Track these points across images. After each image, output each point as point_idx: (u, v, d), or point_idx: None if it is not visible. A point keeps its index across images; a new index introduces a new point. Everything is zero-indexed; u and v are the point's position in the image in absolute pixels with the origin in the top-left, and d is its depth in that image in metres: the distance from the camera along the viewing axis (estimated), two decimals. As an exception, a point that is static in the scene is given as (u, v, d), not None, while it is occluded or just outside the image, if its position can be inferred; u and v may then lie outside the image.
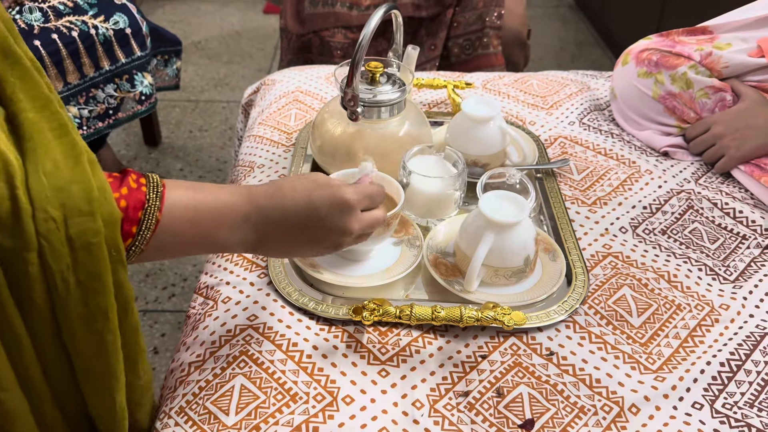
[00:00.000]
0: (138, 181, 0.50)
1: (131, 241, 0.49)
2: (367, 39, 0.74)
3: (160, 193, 0.50)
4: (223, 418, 0.59)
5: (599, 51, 2.73)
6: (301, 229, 0.57)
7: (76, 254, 0.44)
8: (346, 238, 0.59)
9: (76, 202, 0.44)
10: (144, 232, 0.49)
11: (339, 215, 0.57)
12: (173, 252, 0.54)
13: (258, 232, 0.56)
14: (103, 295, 0.46)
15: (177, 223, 0.51)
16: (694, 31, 0.99)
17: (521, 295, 0.72)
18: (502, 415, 0.60)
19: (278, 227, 0.56)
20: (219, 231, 0.54)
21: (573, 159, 0.95)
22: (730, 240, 0.81)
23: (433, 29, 1.46)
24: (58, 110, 0.46)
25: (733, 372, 0.65)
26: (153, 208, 0.49)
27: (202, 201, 0.53)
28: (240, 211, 0.55)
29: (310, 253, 0.60)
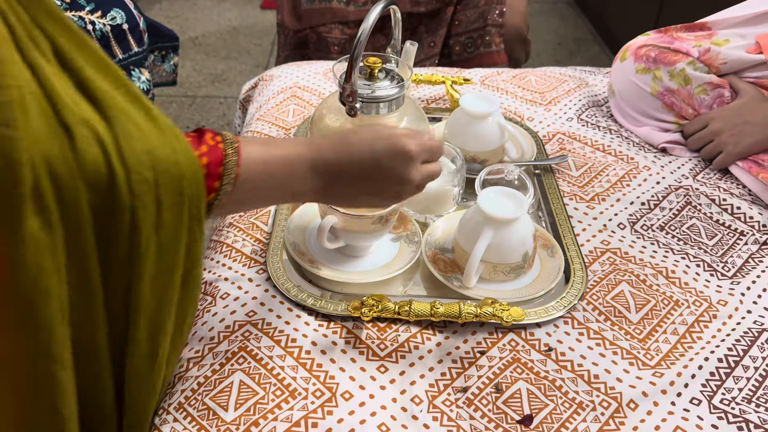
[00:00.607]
0: (215, 139, 0.52)
1: (214, 196, 0.51)
2: (365, 34, 0.73)
3: (236, 148, 0.52)
4: (222, 414, 0.59)
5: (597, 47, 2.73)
6: (365, 179, 0.59)
7: (162, 214, 0.46)
8: (406, 187, 0.60)
9: (164, 164, 0.46)
10: (225, 186, 0.51)
11: (399, 164, 0.59)
12: (250, 204, 0.58)
13: (325, 181, 0.58)
14: (176, 254, 0.49)
15: (253, 176, 0.54)
16: (693, 27, 0.99)
17: (520, 291, 0.72)
18: (500, 410, 0.61)
19: (343, 176, 0.58)
20: (289, 181, 0.57)
21: (571, 155, 0.95)
22: (728, 236, 0.81)
23: (432, 26, 1.45)
24: (123, 77, 0.47)
25: (731, 368, 0.65)
26: (231, 162, 0.52)
27: (273, 154, 0.56)
28: (307, 160, 0.57)
29: (375, 202, 0.63)
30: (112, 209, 0.44)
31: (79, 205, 0.43)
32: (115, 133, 0.44)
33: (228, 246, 0.77)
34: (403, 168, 0.59)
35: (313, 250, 0.75)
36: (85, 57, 0.45)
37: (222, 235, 0.79)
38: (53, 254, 0.43)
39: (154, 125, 0.46)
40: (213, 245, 0.79)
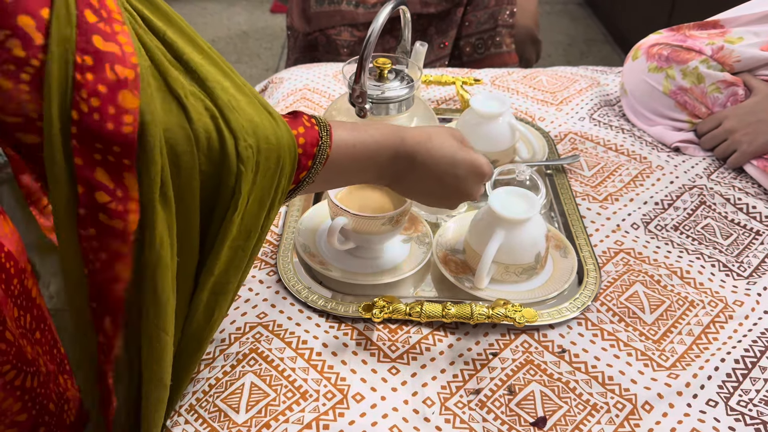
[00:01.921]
0: (310, 121, 0.55)
1: (306, 174, 0.54)
2: (375, 35, 0.73)
3: (329, 131, 0.55)
4: (233, 416, 0.59)
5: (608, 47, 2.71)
6: (437, 180, 0.62)
7: (257, 178, 0.48)
8: (465, 199, 0.65)
9: (265, 132, 0.48)
10: (317, 165, 0.54)
11: (473, 178, 0.63)
12: (335, 183, 0.62)
13: (401, 171, 0.61)
14: (257, 219, 0.51)
15: (341, 158, 0.56)
16: (705, 25, 0.98)
17: (532, 292, 0.71)
18: (513, 412, 0.60)
19: (418, 172, 0.61)
20: (372, 166, 0.60)
21: (583, 155, 0.94)
22: (743, 236, 0.80)
23: (443, 27, 1.45)
24: (211, 51, 0.49)
25: (747, 369, 0.64)
26: (324, 144, 0.55)
27: (361, 140, 0.58)
28: (392, 150, 0.60)
29: (434, 203, 0.66)
30: (220, 176, 0.46)
31: (194, 176, 0.45)
32: (217, 103, 0.46)
33: (239, 248, 0.77)
34: (473, 183, 0.64)
35: (323, 251, 0.75)
36: (175, 31, 0.47)
37: (233, 237, 0.79)
38: (170, 228, 0.45)
39: (248, 100, 0.49)
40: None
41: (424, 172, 0.61)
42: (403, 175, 0.61)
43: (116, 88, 0.40)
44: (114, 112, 0.40)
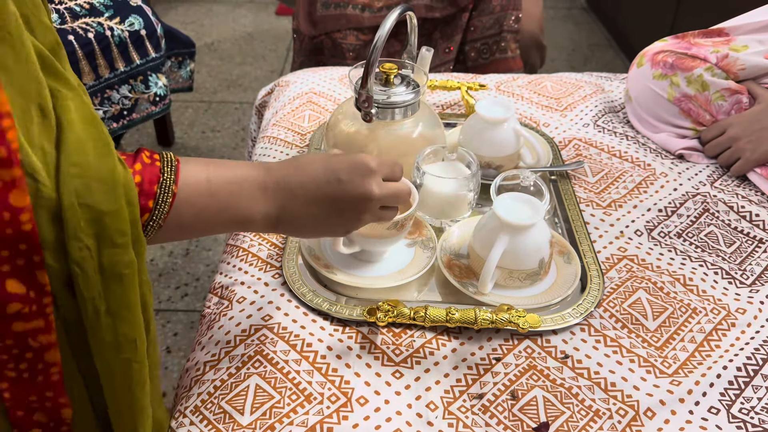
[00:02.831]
0: (152, 157, 0.50)
1: (148, 216, 0.48)
2: (382, 40, 0.74)
3: (174, 167, 0.50)
4: (238, 418, 0.59)
5: (612, 53, 2.72)
6: (322, 197, 0.56)
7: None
8: (367, 204, 0.57)
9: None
10: (161, 206, 0.49)
11: (359, 178, 0.56)
12: (193, 229, 0.53)
13: (278, 205, 0.55)
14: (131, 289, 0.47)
15: (194, 197, 0.51)
16: (710, 33, 0.99)
17: (535, 297, 0.71)
18: (516, 418, 0.60)
19: (297, 197, 0.55)
20: (237, 203, 0.53)
21: (587, 161, 0.94)
22: (746, 243, 0.81)
23: (448, 32, 1.45)
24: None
25: (750, 377, 0.64)
26: (168, 181, 0.49)
27: (217, 174, 0.53)
28: (256, 181, 0.54)
29: (334, 225, 0.58)
30: None
31: None
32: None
33: (244, 250, 0.78)
34: (362, 181, 0.56)
35: (328, 254, 0.76)
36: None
37: (238, 240, 0.80)
38: None
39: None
40: (229, 249, 0.79)
41: (305, 195, 0.55)
42: (282, 209, 0.55)
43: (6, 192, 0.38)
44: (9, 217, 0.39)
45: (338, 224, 0.59)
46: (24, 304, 0.41)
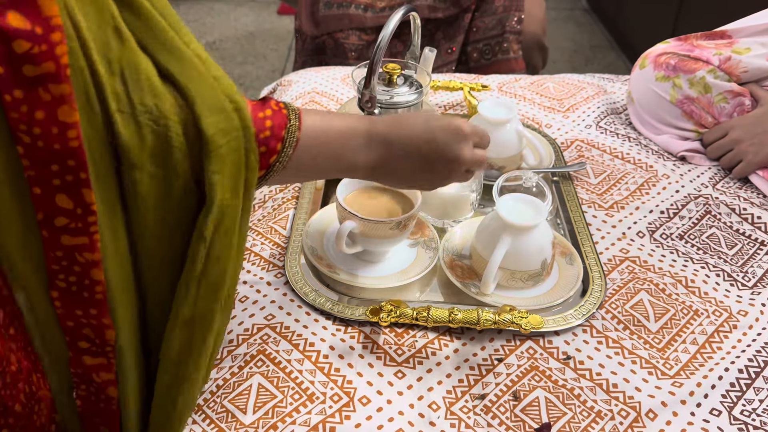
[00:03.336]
0: (278, 105, 0.55)
1: (276, 158, 0.53)
2: (386, 40, 0.74)
3: (298, 115, 0.55)
4: (240, 417, 0.59)
5: (613, 54, 2.72)
6: (419, 153, 0.60)
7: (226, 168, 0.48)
8: (456, 166, 0.61)
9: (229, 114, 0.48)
10: (287, 149, 0.54)
11: (454, 142, 0.60)
12: (308, 172, 0.60)
13: (378, 156, 0.60)
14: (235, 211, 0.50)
15: (312, 143, 0.56)
16: (713, 35, 0.99)
17: (538, 298, 0.72)
18: (518, 418, 0.60)
19: (396, 151, 0.60)
20: (345, 153, 0.58)
21: (590, 162, 0.94)
22: (748, 246, 0.81)
23: (450, 33, 1.46)
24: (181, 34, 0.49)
25: (751, 379, 0.65)
26: (293, 127, 0.54)
27: (332, 124, 0.58)
28: (363, 134, 0.59)
29: (426, 179, 0.63)
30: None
31: None
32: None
33: (247, 250, 0.78)
34: (455, 145, 0.60)
35: (331, 254, 0.76)
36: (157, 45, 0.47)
37: (241, 239, 0.80)
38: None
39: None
40: (232, 249, 0.80)
41: (404, 150, 0.59)
42: (383, 159, 0.60)
43: (55, 106, 0.39)
44: (57, 132, 0.40)
45: (428, 180, 0.63)
46: (70, 220, 0.43)
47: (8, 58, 0.37)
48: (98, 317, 0.47)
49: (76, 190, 0.42)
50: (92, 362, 0.50)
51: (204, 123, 0.46)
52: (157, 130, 0.45)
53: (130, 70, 0.44)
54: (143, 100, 0.44)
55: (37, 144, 0.40)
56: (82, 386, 0.53)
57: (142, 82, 0.44)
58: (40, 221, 0.42)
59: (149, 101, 0.44)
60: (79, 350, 0.50)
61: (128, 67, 0.44)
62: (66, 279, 0.45)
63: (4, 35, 0.37)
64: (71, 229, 0.43)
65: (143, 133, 0.44)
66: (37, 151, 0.40)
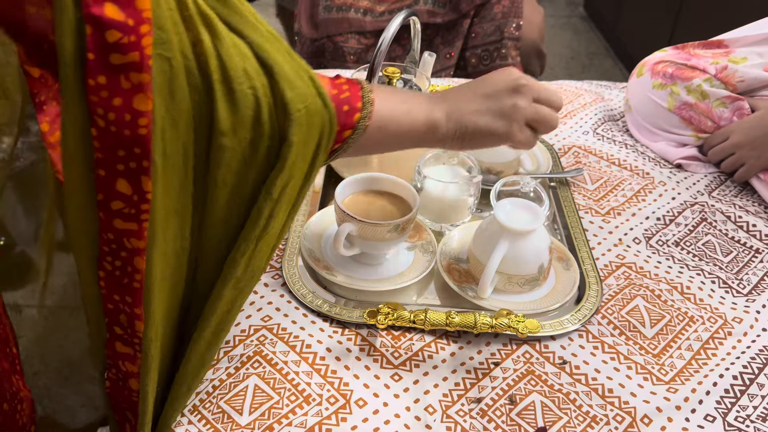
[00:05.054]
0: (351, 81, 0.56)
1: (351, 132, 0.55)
2: (386, 44, 0.74)
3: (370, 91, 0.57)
4: (236, 418, 0.59)
5: (610, 62, 2.73)
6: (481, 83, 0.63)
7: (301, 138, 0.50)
8: (518, 99, 0.61)
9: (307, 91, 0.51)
10: (363, 120, 0.55)
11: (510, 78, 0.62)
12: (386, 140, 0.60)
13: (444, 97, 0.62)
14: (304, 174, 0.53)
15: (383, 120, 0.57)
16: (710, 45, 0.99)
17: (534, 303, 0.72)
18: (514, 422, 0.61)
19: (459, 90, 0.63)
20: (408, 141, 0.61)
21: (587, 169, 0.95)
22: (743, 253, 0.81)
23: (449, 38, 1.46)
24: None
25: (746, 385, 0.65)
26: (368, 98, 0.56)
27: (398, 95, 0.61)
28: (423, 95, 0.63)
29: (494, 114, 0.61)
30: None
31: None
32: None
33: (244, 251, 0.78)
34: (512, 80, 0.62)
35: (328, 256, 0.76)
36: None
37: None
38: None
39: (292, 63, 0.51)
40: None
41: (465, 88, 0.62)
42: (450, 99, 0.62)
43: (131, 94, 0.41)
44: (130, 119, 0.41)
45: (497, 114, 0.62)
46: (126, 204, 0.44)
47: (99, 46, 0.39)
48: (132, 306, 0.49)
49: (136, 177, 0.43)
50: (122, 350, 0.52)
51: (284, 87, 0.48)
52: (249, 94, 0.47)
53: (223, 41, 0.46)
54: (237, 66, 0.46)
55: (110, 129, 0.41)
56: (113, 370, 0.55)
57: (232, 49, 0.46)
58: (99, 202, 0.44)
59: (240, 65, 0.46)
60: (114, 335, 0.52)
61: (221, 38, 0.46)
62: (112, 262, 0.47)
63: (100, 24, 0.39)
64: (125, 213, 0.44)
65: (237, 97, 0.46)
66: (108, 136, 0.42)
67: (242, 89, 0.46)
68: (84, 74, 0.40)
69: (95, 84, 0.40)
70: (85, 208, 0.45)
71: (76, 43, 0.39)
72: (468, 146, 0.63)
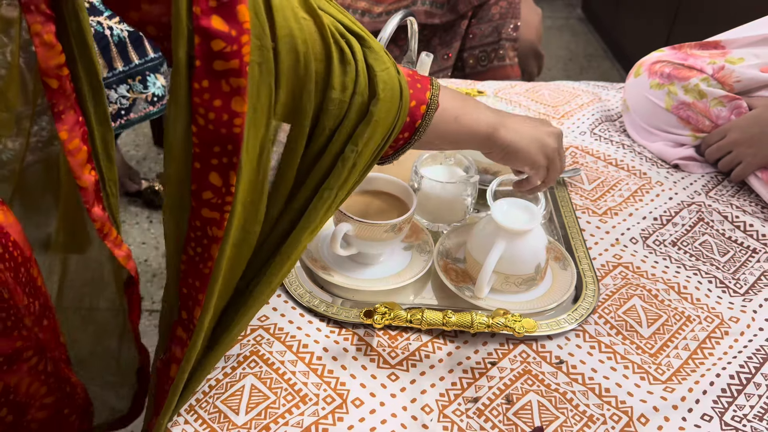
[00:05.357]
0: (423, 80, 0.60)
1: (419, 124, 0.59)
2: (384, 43, 0.74)
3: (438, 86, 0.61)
4: (233, 417, 0.59)
5: (608, 63, 2.74)
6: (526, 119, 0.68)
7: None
8: (550, 140, 0.68)
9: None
10: (429, 113, 0.59)
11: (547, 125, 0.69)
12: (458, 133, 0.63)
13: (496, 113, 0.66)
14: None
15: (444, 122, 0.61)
16: (706, 45, 1.00)
17: (531, 302, 0.72)
18: (511, 422, 0.60)
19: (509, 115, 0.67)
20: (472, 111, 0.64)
21: (584, 169, 0.95)
22: (740, 253, 0.81)
23: (447, 39, 1.46)
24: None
25: (742, 385, 0.65)
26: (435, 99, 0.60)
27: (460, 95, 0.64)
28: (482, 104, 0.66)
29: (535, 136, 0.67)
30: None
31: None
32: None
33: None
34: (554, 126, 0.69)
35: (325, 256, 0.76)
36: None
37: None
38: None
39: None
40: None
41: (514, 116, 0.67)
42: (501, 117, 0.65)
43: (230, 97, 0.45)
44: (227, 119, 0.46)
45: (537, 137, 0.67)
46: (214, 195, 0.49)
47: (206, 54, 0.44)
48: (197, 290, 0.53)
49: (226, 171, 0.48)
50: (180, 334, 0.56)
51: (368, 53, 0.54)
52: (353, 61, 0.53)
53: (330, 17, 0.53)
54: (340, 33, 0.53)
55: (208, 127, 0.46)
56: (168, 353, 0.58)
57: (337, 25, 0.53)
58: (193, 191, 0.49)
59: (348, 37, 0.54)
60: (180, 319, 0.56)
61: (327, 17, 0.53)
62: (195, 248, 0.52)
63: (207, 35, 0.44)
64: (212, 203, 0.49)
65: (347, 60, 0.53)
66: (206, 133, 0.46)
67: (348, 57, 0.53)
68: (190, 79, 0.45)
69: (199, 87, 0.45)
70: (182, 196, 0.50)
71: (186, 51, 0.45)
72: (504, 161, 0.67)
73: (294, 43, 0.49)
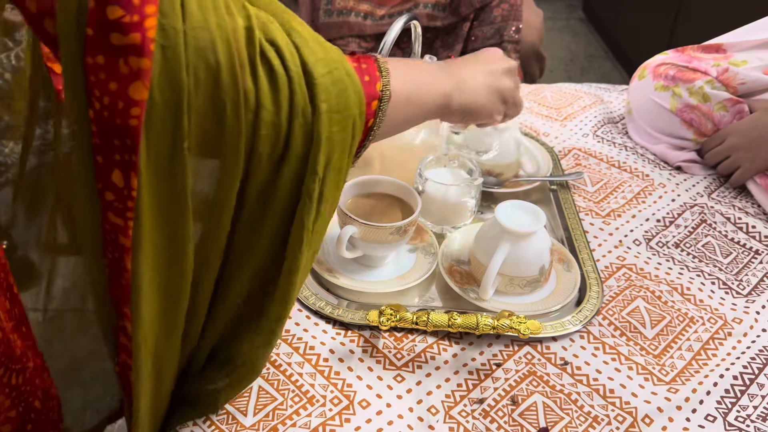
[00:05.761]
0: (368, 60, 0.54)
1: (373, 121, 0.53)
2: (387, 47, 0.75)
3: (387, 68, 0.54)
4: (241, 419, 0.60)
5: (609, 64, 2.74)
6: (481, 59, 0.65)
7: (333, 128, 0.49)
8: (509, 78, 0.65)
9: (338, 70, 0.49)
10: (384, 104, 0.53)
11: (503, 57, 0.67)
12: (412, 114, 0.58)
13: (449, 68, 0.62)
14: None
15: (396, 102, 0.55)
16: (708, 49, 1.00)
17: (535, 304, 0.72)
18: (516, 423, 0.61)
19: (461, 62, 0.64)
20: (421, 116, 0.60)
21: (587, 171, 0.95)
22: (743, 254, 0.82)
23: (449, 41, 1.47)
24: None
25: (746, 385, 0.65)
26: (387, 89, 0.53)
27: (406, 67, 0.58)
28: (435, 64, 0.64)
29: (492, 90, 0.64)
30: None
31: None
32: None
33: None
34: (504, 60, 0.66)
35: (331, 259, 0.76)
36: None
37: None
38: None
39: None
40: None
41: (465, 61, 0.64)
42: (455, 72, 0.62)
43: (128, 81, 0.39)
44: (122, 107, 0.39)
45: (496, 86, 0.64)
46: (116, 198, 0.42)
47: (99, 22, 0.37)
48: (120, 303, 0.48)
49: (127, 171, 0.41)
50: (123, 341, 0.51)
51: (305, 53, 0.47)
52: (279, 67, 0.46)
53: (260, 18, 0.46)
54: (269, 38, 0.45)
55: (103, 113, 0.39)
56: (119, 359, 0.53)
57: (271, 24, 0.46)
58: (99, 190, 0.43)
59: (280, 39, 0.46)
60: (120, 326, 0.50)
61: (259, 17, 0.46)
62: (112, 253, 0.46)
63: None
64: (115, 207, 0.43)
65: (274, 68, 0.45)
66: (103, 121, 0.40)
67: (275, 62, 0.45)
68: (83, 51, 0.38)
69: (93, 63, 0.38)
70: (88, 197, 0.44)
71: (77, 17, 0.37)
72: (465, 121, 0.64)
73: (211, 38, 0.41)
